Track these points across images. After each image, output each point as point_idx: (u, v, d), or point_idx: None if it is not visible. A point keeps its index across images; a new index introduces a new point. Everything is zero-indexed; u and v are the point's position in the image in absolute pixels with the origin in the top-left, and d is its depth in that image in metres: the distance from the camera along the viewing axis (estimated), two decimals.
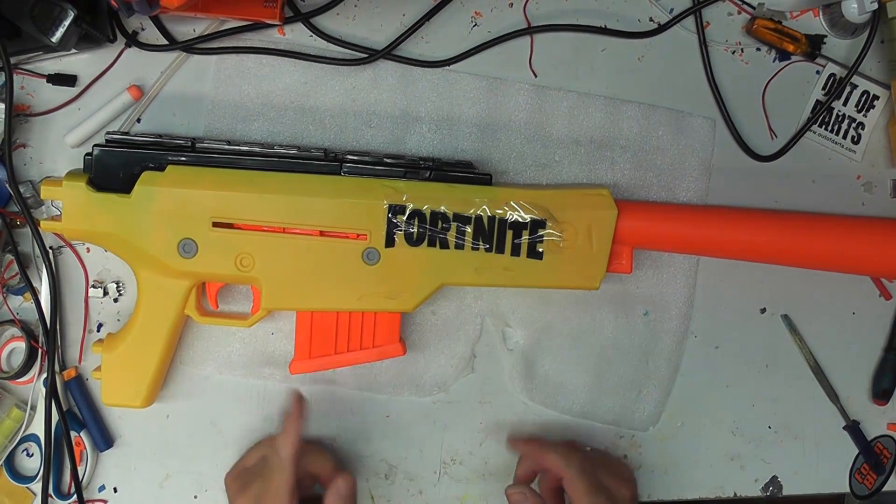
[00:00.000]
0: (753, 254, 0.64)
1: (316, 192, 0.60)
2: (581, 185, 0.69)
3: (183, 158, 0.60)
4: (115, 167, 0.59)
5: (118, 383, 0.62)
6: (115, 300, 0.67)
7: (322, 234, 0.61)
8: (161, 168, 0.59)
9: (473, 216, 0.61)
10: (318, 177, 0.60)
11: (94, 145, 0.59)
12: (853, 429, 0.74)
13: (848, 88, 0.72)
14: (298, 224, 0.60)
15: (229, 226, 0.60)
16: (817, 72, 0.72)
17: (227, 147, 0.60)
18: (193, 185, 0.59)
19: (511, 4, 0.68)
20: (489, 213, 0.61)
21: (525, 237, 0.61)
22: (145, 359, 0.62)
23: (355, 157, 0.61)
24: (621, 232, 0.62)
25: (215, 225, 0.60)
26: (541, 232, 0.61)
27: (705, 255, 0.67)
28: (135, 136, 0.60)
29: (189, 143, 0.60)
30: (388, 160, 0.61)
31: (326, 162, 0.61)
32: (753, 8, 0.70)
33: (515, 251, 0.61)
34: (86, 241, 0.66)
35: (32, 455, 0.67)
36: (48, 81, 0.64)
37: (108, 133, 0.61)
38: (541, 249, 0.62)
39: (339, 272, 0.61)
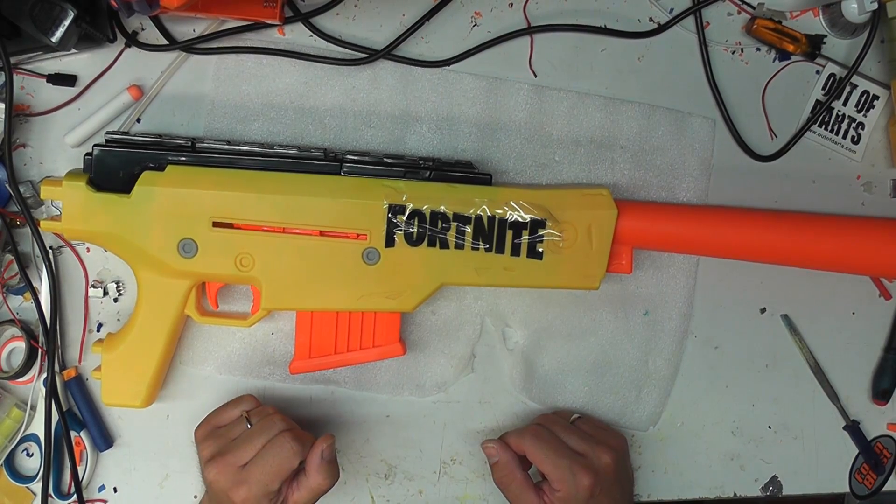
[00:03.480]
0: (753, 254, 0.64)
1: (316, 191, 0.60)
2: (581, 185, 0.69)
3: (183, 158, 0.60)
4: (114, 167, 0.59)
5: (118, 383, 0.62)
6: (115, 300, 0.67)
7: (322, 234, 0.61)
8: (161, 168, 0.59)
9: (473, 216, 0.61)
10: (318, 177, 0.60)
11: (94, 145, 0.59)
12: (853, 429, 0.74)
13: (848, 88, 0.72)
14: (298, 224, 0.60)
15: (229, 226, 0.60)
16: (817, 72, 0.72)
17: (226, 147, 0.60)
18: (193, 185, 0.59)
19: (511, 4, 0.68)
20: (489, 213, 0.61)
21: (525, 237, 0.61)
22: (145, 359, 0.62)
23: (355, 157, 0.61)
24: (621, 232, 0.62)
25: (215, 225, 0.60)
26: (541, 232, 0.61)
27: (705, 255, 0.67)
28: (135, 136, 0.60)
29: (189, 143, 0.60)
30: (388, 160, 0.61)
31: (326, 162, 0.61)
32: (753, 8, 0.70)
33: (515, 251, 0.61)
34: (86, 241, 0.66)
35: (32, 455, 0.67)
36: (48, 81, 0.64)
37: (107, 133, 0.61)
38: (541, 249, 0.62)
39: (339, 272, 0.61)
